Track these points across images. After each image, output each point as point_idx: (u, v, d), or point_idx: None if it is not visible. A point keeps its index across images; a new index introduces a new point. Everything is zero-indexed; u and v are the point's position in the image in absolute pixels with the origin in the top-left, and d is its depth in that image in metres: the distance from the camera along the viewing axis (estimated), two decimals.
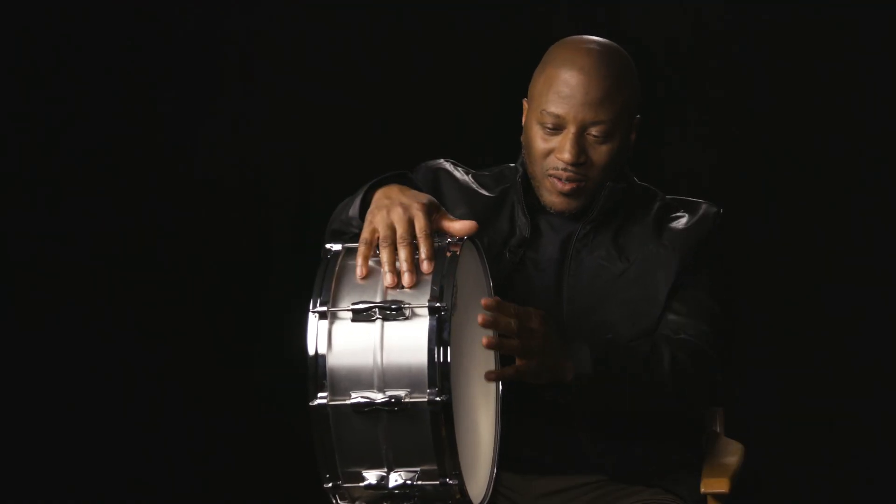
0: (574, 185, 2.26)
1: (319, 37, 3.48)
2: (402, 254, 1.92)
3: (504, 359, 2.19)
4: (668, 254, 2.31)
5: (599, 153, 2.26)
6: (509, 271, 2.31)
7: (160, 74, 3.47)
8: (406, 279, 1.90)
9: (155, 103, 3.47)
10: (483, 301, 2.00)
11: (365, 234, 1.96)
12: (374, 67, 3.48)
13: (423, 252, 1.92)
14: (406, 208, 1.96)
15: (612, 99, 2.25)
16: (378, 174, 2.11)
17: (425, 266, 1.91)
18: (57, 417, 3.43)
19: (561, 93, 2.24)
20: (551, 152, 2.26)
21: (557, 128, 2.25)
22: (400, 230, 1.93)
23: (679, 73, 3.43)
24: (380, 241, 1.94)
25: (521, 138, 2.35)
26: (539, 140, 2.27)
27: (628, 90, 2.29)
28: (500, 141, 2.80)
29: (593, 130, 2.25)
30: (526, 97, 2.35)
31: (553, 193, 2.29)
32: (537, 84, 2.31)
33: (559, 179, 2.26)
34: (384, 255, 1.92)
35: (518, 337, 2.03)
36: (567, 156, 2.24)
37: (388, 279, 1.90)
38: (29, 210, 3.42)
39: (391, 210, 1.96)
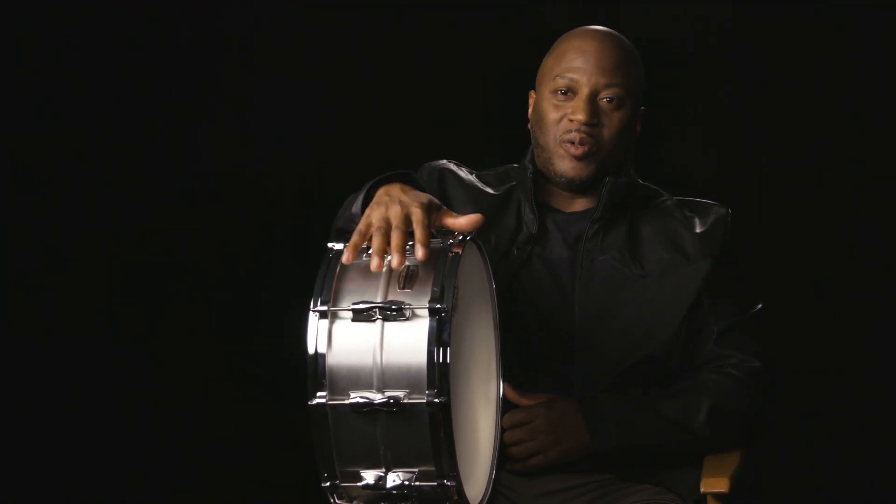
0: (586, 147, 2.29)
1: (319, 37, 3.48)
2: (394, 239, 1.88)
3: (506, 366, 2.20)
4: (686, 263, 2.33)
5: (612, 119, 2.30)
6: (517, 268, 2.32)
7: (160, 74, 3.47)
8: (395, 260, 1.86)
9: (155, 102, 3.47)
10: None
11: (360, 226, 1.92)
12: (374, 67, 3.48)
13: (417, 238, 1.88)
14: (404, 206, 1.94)
15: (625, 68, 2.31)
16: (379, 173, 2.10)
17: (420, 252, 1.87)
18: (56, 417, 3.43)
19: (575, 59, 2.30)
20: (564, 118, 2.30)
21: (571, 91, 2.29)
22: (395, 223, 1.90)
23: (679, 73, 3.43)
24: (373, 230, 1.90)
25: (530, 125, 2.37)
26: (552, 109, 2.31)
27: (637, 69, 2.35)
28: (500, 141, 2.81)
29: (606, 95, 2.29)
30: (533, 89, 2.38)
31: (566, 159, 2.31)
32: (548, 63, 2.36)
33: (572, 143, 2.29)
34: (375, 241, 1.88)
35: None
36: (581, 115, 2.27)
37: (373, 263, 1.87)
38: (28, 210, 3.42)
39: (390, 206, 1.94)
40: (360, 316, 1.87)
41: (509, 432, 2.23)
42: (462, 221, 1.99)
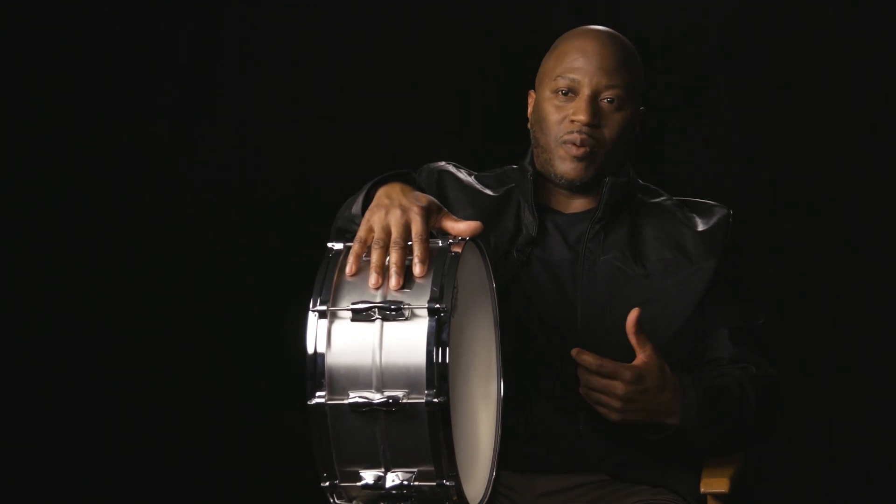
0: (587, 148, 2.29)
1: (318, 37, 3.48)
2: (393, 256, 1.90)
3: (507, 367, 2.20)
4: (688, 262, 2.33)
5: (612, 120, 2.30)
6: (516, 270, 2.32)
7: (159, 74, 3.47)
8: (392, 281, 1.88)
9: (154, 102, 3.47)
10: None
11: (361, 233, 1.94)
12: (372, 67, 3.48)
13: (416, 255, 1.90)
14: (405, 211, 1.94)
15: (626, 68, 2.31)
16: (378, 173, 2.11)
17: (417, 269, 1.89)
18: (54, 418, 3.43)
19: (576, 60, 2.31)
20: (565, 118, 2.30)
21: (572, 92, 2.30)
22: (395, 234, 1.92)
23: (679, 73, 3.43)
24: (372, 242, 1.93)
25: (530, 125, 2.38)
26: (553, 110, 2.31)
27: (637, 70, 2.35)
28: (499, 141, 2.80)
29: (607, 95, 2.29)
30: (532, 89, 2.38)
31: (566, 160, 2.31)
32: (548, 63, 2.36)
33: (574, 144, 2.30)
34: (374, 257, 1.90)
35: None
36: (582, 116, 2.28)
37: (372, 279, 1.89)
38: (28, 211, 3.42)
39: (390, 211, 1.95)
40: (359, 316, 1.87)
41: (608, 381, 2.16)
42: (462, 227, 1.99)
